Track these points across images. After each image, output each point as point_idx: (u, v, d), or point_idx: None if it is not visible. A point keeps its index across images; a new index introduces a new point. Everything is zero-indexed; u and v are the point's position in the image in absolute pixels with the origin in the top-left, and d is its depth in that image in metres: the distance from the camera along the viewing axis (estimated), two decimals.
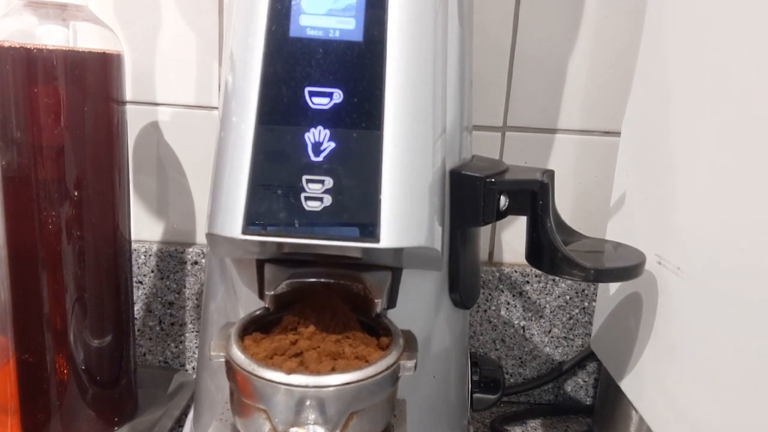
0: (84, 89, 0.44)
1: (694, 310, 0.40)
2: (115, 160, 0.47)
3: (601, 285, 0.58)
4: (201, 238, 0.63)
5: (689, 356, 0.41)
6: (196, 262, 0.61)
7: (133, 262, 0.59)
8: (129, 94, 0.59)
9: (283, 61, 0.32)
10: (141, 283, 0.61)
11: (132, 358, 0.52)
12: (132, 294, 0.53)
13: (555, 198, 0.38)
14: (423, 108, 0.34)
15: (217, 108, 0.60)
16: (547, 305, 0.61)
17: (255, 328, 0.35)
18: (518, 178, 0.38)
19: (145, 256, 0.61)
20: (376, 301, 0.35)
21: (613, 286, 0.54)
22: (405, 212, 0.32)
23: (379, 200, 0.32)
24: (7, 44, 0.42)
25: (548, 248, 0.38)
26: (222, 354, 0.33)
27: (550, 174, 0.38)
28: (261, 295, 0.36)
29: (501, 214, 0.38)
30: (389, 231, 0.32)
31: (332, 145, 0.32)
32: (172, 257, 0.61)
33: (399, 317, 0.37)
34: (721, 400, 0.37)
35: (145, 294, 0.62)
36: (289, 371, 0.31)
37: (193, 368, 0.63)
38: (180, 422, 0.54)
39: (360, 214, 0.32)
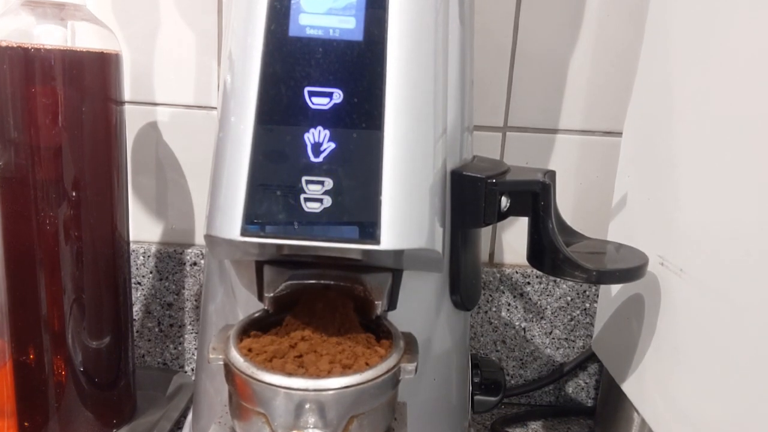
0: (82, 89, 0.44)
1: (696, 312, 0.40)
2: (113, 160, 0.47)
3: (602, 286, 0.58)
4: (200, 239, 0.63)
5: (691, 358, 0.40)
6: (195, 263, 0.61)
7: (132, 263, 0.59)
8: (127, 94, 0.58)
9: (282, 61, 0.32)
10: (140, 284, 0.61)
11: (130, 359, 0.52)
12: (130, 295, 0.52)
13: (556, 199, 0.38)
14: (424, 108, 0.33)
15: (216, 108, 0.60)
16: (548, 306, 0.61)
17: (254, 330, 0.35)
18: (519, 178, 0.38)
19: (143, 257, 0.61)
20: (376, 303, 0.35)
21: (615, 288, 0.54)
22: (405, 213, 0.32)
23: (380, 201, 0.31)
24: (4, 44, 0.41)
25: (550, 249, 0.37)
26: (221, 357, 0.32)
27: (552, 174, 0.38)
28: (260, 297, 0.36)
29: (502, 215, 0.38)
30: (390, 232, 0.31)
31: (332, 145, 0.32)
32: (171, 258, 0.61)
33: (399, 319, 0.36)
34: (724, 402, 0.37)
35: (144, 295, 0.61)
36: (289, 374, 0.30)
37: (192, 370, 0.63)
38: (179, 424, 0.53)
39: (360, 216, 0.31)
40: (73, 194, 0.44)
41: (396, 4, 0.33)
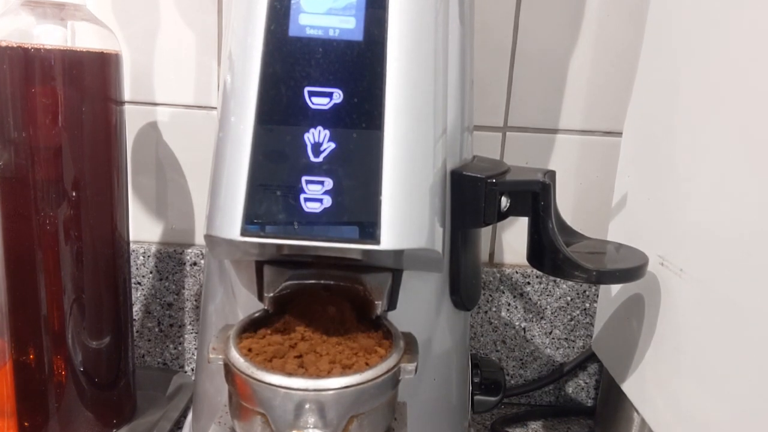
0: (82, 89, 0.44)
1: (696, 312, 0.40)
2: (113, 160, 0.47)
3: (602, 286, 0.58)
4: (200, 239, 0.63)
5: (692, 358, 0.40)
6: (195, 263, 0.61)
7: (132, 263, 0.59)
8: (127, 94, 0.58)
9: (282, 61, 0.32)
10: (140, 284, 0.61)
11: (130, 359, 0.52)
12: (130, 295, 0.52)
13: (556, 199, 0.38)
14: (424, 108, 0.33)
15: (216, 108, 0.60)
16: (548, 306, 0.61)
17: (254, 330, 0.35)
18: (519, 178, 0.38)
19: (143, 257, 0.61)
20: (376, 302, 0.34)
21: (615, 288, 0.54)
22: (405, 213, 0.32)
23: (380, 201, 0.31)
24: (4, 44, 0.41)
25: (550, 249, 0.37)
26: (221, 357, 0.32)
27: (552, 174, 0.38)
28: (260, 297, 0.36)
29: (502, 215, 0.38)
30: (390, 232, 0.31)
31: (332, 145, 0.32)
32: (171, 258, 0.61)
33: (399, 319, 0.36)
34: (724, 402, 0.37)
35: (144, 295, 0.61)
36: (289, 374, 0.30)
37: (192, 370, 0.63)
38: (179, 424, 0.53)
39: (360, 216, 0.31)
40: (73, 194, 0.44)
41: (396, 4, 0.33)
